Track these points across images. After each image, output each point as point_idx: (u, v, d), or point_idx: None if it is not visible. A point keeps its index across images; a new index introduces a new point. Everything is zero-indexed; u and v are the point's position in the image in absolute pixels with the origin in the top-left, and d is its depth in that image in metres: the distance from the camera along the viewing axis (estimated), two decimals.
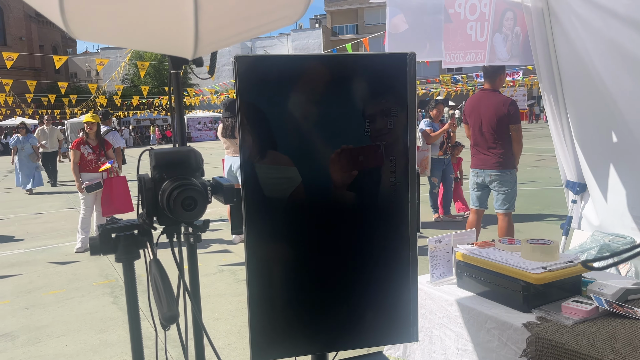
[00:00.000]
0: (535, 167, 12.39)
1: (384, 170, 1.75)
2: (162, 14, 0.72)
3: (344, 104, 1.68)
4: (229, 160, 6.68)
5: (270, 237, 1.70)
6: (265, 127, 1.68)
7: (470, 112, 4.86)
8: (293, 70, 1.66)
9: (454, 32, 3.17)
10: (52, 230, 7.98)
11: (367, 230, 1.76)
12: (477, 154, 4.84)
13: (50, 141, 13.73)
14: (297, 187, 1.71)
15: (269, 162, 1.70)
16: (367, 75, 1.70)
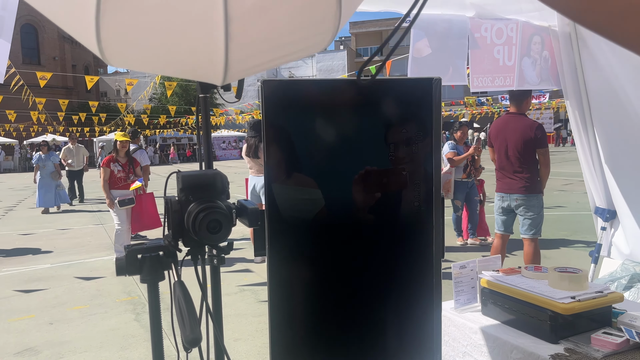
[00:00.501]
0: (562, 192, 12.15)
1: (408, 194, 1.74)
2: (193, 44, 0.73)
3: (368, 128, 1.69)
4: (253, 180, 6.73)
5: (292, 259, 1.70)
6: (290, 149, 1.69)
7: (495, 136, 4.82)
8: (318, 94, 1.68)
9: (481, 56, 3.17)
10: (78, 246, 8.11)
11: (390, 254, 1.74)
12: (502, 177, 4.77)
13: (77, 159, 13.68)
14: (321, 209, 1.71)
15: (293, 183, 1.71)
16: (393, 100, 1.70)
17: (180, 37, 0.73)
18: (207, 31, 0.72)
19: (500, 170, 4.79)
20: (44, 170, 12.21)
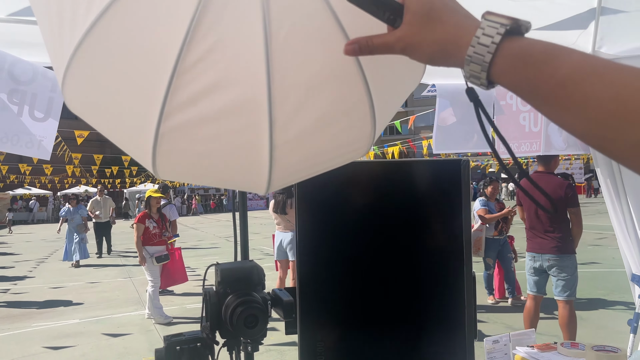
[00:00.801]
0: (596, 247, 11.80)
1: (439, 272, 1.74)
2: (241, 166, 0.79)
3: (399, 208, 1.72)
4: (279, 235, 6.77)
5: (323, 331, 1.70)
6: (322, 228, 1.73)
7: (524, 195, 4.78)
8: (350, 174, 1.73)
9: (506, 122, 3.21)
10: (106, 300, 8.18)
11: (421, 335, 1.73)
12: (533, 237, 4.70)
13: (104, 211, 13.65)
14: (351, 287, 1.72)
15: (324, 263, 1.74)
16: (422, 180, 1.74)
17: (228, 160, 0.79)
18: (253, 156, 0.77)
19: (530, 229, 4.72)
20: (71, 223, 12.29)
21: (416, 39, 0.67)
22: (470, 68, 0.64)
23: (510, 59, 0.60)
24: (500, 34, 0.61)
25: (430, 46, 0.67)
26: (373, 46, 0.69)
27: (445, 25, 0.65)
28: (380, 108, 0.82)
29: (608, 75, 0.55)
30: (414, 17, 0.66)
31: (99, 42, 0.70)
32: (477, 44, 0.62)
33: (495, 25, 0.61)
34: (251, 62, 0.70)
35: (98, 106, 0.78)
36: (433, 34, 0.66)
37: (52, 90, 2.26)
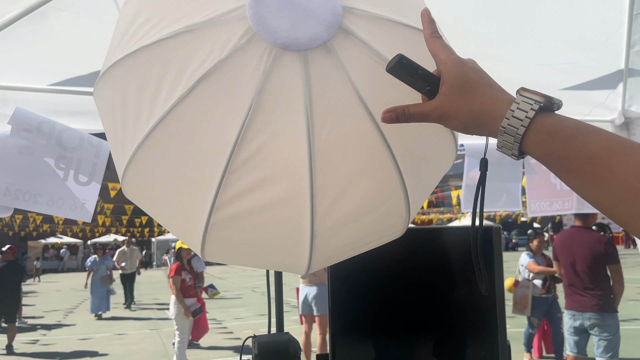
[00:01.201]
0: (637, 302, 11.30)
1: (473, 342, 1.72)
2: (283, 251, 0.85)
3: (430, 275, 1.74)
4: (304, 289, 6.72)
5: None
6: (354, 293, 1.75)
7: (561, 250, 4.68)
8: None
9: (537, 181, 3.21)
10: (132, 353, 8.17)
11: None
12: (572, 294, 4.55)
13: (130, 262, 13.39)
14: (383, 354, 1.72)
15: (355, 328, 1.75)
16: (454, 247, 1.76)
17: (272, 246, 0.84)
18: (296, 243, 0.82)
19: (569, 286, 4.57)
20: (96, 274, 11.97)
21: (452, 109, 0.71)
22: (504, 138, 0.68)
23: (542, 133, 0.64)
24: (534, 110, 0.65)
25: (466, 116, 0.71)
26: (409, 114, 0.73)
27: (481, 97, 0.70)
28: (414, 196, 0.87)
29: (635, 155, 0.58)
30: (450, 89, 0.71)
31: (158, 143, 0.78)
32: (511, 117, 0.66)
33: (529, 101, 0.66)
34: (295, 160, 0.77)
35: (154, 198, 0.85)
36: (469, 104, 0.70)
37: (96, 156, 2.39)
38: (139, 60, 0.80)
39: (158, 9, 0.83)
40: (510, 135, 0.66)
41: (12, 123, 2.23)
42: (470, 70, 0.72)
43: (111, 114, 0.85)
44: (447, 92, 0.72)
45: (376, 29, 0.81)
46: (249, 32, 0.75)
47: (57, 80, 2.35)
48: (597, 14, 2.25)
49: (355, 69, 0.78)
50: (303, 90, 0.75)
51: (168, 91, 0.77)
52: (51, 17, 1.98)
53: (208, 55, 0.75)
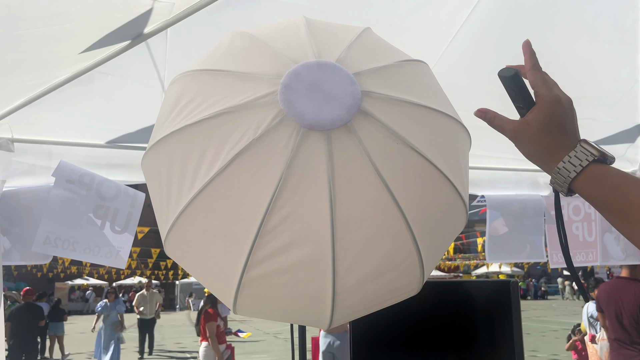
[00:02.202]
0: None
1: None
2: (307, 308, 0.93)
3: (450, 328, 1.77)
4: (325, 339, 6.59)
5: None
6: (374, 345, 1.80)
7: (606, 302, 4.56)
8: None
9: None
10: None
11: None
12: (618, 348, 4.39)
13: (149, 306, 12.53)
14: None
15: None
16: (472, 300, 1.80)
17: (297, 303, 0.93)
18: (319, 300, 0.91)
19: (615, 340, 4.43)
20: (107, 320, 10.93)
21: (527, 137, 0.83)
22: (556, 177, 0.80)
23: (591, 179, 0.76)
24: (588, 161, 0.77)
25: (534, 148, 0.83)
26: (492, 122, 0.87)
27: (553, 138, 0.81)
28: (427, 258, 0.95)
29: None
30: (536, 121, 0.83)
31: (199, 210, 0.89)
32: (567, 161, 0.78)
33: (587, 153, 0.78)
34: (319, 225, 0.86)
35: (192, 258, 0.95)
36: (541, 140, 0.82)
37: (132, 205, 2.53)
38: (183, 137, 0.92)
39: (200, 92, 0.95)
40: (562, 176, 0.79)
41: (56, 175, 2.40)
42: (560, 113, 0.83)
43: (157, 183, 0.97)
44: (531, 122, 0.84)
45: (392, 109, 0.91)
46: (280, 114, 0.86)
47: (98, 136, 2.54)
48: (610, 74, 2.33)
49: (373, 146, 0.88)
50: (326, 164, 0.86)
51: (208, 164, 0.88)
52: (97, 80, 2.17)
53: (244, 134, 0.87)
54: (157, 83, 2.18)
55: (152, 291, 12.83)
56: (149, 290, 12.66)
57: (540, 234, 3.14)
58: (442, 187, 0.94)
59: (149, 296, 12.59)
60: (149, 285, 12.85)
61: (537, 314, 22.59)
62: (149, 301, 12.54)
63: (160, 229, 0.98)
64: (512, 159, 3.14)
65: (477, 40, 2.10)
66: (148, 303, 12.50)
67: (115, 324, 10.92)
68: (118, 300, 11.46)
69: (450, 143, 0.98)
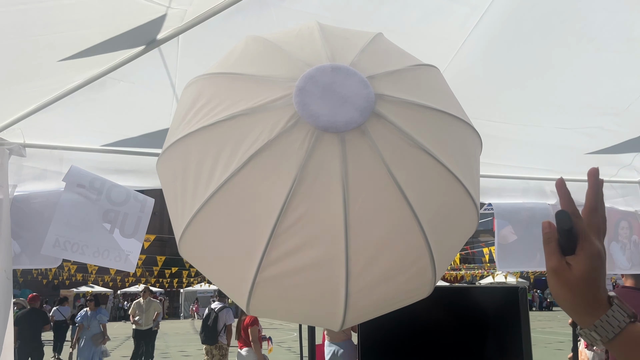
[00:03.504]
0: None
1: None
2: (320, 308, 0.94)
3: (458, 332, 1.77)
4: (330, 347, 6.57)
5: None
6: (384, 349, 1.80)
7: None
8: None
9: None
10: None
11: None
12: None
13: (146, 316, 11.21)
14: None
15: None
16: (481, 306, 1.80)
17: (310, 303, 0.94)
18: (331, 301, 0.92)
19: None
20: (87, 331, 9.53)
21: (565, 280, 0.82)
22: (592, 334, 0.81)
23: (626, 339, 0.78)
24: (626, 322, 0.79)
25: (569, 294, 0.83)
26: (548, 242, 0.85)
27: (590, 290, 0.81)
28: (439, 259, 0.96)
29: None
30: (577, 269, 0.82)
31: (214, 211, 0.90)
32: (605, 321, 0.80)
33: (623, 313, 0.80)
34: (332, 226, 0.87)
35: (207, 259, 0.96)
36: (578, 289, 0.82)
37: (141, 210, 2.55)
38: (199, 138, 0.94)
39: (215, 95, 0.97)
40: (598, 334, 0.80)
41: (66, 180, 2.42)
42: (599, 268, 0.83)
43: (172, 184, 0.98)
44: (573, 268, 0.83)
45: (405, 112, 0.93)
46: (295, 116, 0.88)
47: (109, 142, 2.56)
48: (617, 83, 2.34)
49: (386, 148, 0.89)
50: (340, 166, 0.87)
51: (224, 165, 0.89)
52: (109, 87, 2.20)
53: (259, 136, 0.88)
54: (168, 89, 2.20)
55: (150, 299, 11.59)
56: (146, 298, 11.45)
57: None
58: (454, 189, 0.95)
59: (146, 304, 11.34)
60: (145, 293, 11.68)
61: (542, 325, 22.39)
62: (146, 310, 11.26)
63: (174, 229, 1.00)
64: (519, 167, 3.14)
65: (485, 49, 2.12)
66: (144, 312, 11.22)
67: (95, 336, 9.50)
68: (100, 309, 10.09)
69: (462, 146, 1.00)
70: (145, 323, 11.16)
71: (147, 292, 11.75)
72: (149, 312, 11.27)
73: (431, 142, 0.93)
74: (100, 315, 9.78)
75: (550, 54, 2.04)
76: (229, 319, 8.60)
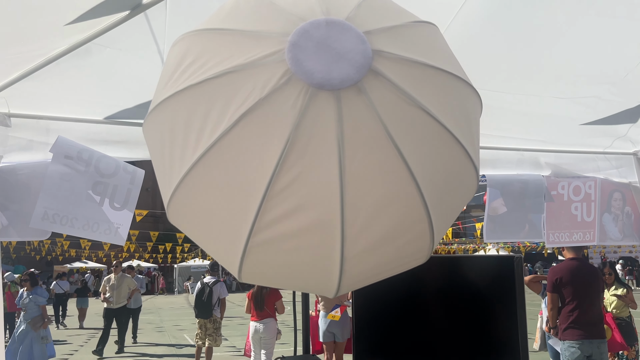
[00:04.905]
0: None
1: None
2: (314, 274, 0.91)
3: (454, 300, 1.76)
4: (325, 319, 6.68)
5: None
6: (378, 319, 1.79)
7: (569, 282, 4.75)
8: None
9: (557, 212, 3.21)
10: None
11: None
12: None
13: (117, 294, 10.20)
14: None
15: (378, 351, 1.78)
16: (477, 275, 1.79)
17: (304, 269, 0.90)
18: (326, 266, 0.89)
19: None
20: (26, 314, 8.09)
21: None
22: None
23: None
24: None
25: None
26: None
27: None
28: (437, 224, 0.93)
29: None
30: None
31: (203, 173, 0.86)
32: None
33: None
34: (328, 189, 0.84)
35: (196, 224, 0.93)
36: None
37: (131, 182, 2.50)
38: (187, 97, 0.89)
39: (204, 52, 0.92)
40: None
41: (53, 151, 2.36)
42: None
43: (159, 146, 0.94)
44: None
45: (403, 70, 0.88)
46: (288, 73, 0.83)
47: (97, 112, 2.49)
48: (616, 50, 2.30)
49: (383, 106, 0.85)
50: (336, 125, 0.83)
51: (213, 125, 0.85)
52: (95, 53, 2.12)
53: (250, 94, 0.84)
54: (156, 56, 2.13)
55: (123, 275, 10.53)
56: (118, 274, 10.39)
57: (540, 213, 3.12)
58: (454, 151, 0.92)
59: (117, 281, 10.29)
60: (117, 268, 10.54)
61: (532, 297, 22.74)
62: (117, 287, 10.25)
63: (162, 194, 0.96)
64: (514, 138, 3.11)
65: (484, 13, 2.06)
66: (116, 289, 10.22)
67: (34, 320, 7.99)
68: (37, 289, 8.65)
69: (462, 106, 0.96)
70: (117, 301, 10.18)
71: (119, 267, 10.59)
72: (121, 289, 10.29)
73: (431, 102, 0.89)
74: (35, 296, 8.27)
75: (550, 18, 1.98)
76: (223, 293, 8.64)
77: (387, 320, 1.79)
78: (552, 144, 3.21)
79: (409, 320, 1.80)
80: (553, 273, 4.93)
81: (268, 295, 7.04)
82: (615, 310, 6.35)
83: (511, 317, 1.76)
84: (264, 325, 6.97)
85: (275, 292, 7.10)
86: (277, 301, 7.05)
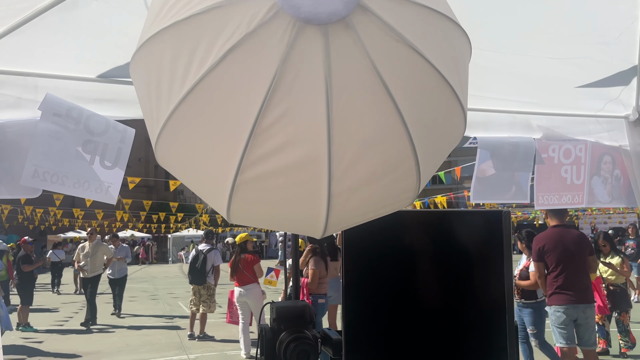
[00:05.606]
0: None
1: (481, 320, 1.78)
2: (302, 212, 0.92)
3: (441, 256, 1.79)
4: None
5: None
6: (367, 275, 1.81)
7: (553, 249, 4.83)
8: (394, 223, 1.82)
9: (547, 174, 3.24)
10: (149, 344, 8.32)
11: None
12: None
13: (92, 262, 9.84)
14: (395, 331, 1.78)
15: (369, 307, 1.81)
16: (464, 230, 1.81)
17: (292, 207, 0.91)
18: (314, 204, 0.90)
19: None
20: None
21: None
22: None
23: None
24: None
25: None
26: None
27: None
28: (424, 163, 0.93)
29: None
30: None
31: (190, 110, 0.86)
32: None
33: None
34: (315, 125, 0.84)
35: (184, 163, 0.93)
36: None
37: (121, 141, 2.49)
38: (172, 34, 0.88)
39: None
40: None
41: (42, 108, 2.33)
42: None
43: (146, 85, 0.93)
44: None
45: (392, 6, 0.87)
46: (275, 7, 0.82)
47: (86, 69, 2.46)
48: (610, 7, 2.28)
49: (372, 43, 0.84)
50: (323, 61, 0.82)
51: (200, 61, 0.84)
52: (81, 7, 2.08)
53: (237, 29, 0.83)
54: (145, 11, 2.09)
55: (98, 242, 10.14)
56: (92, 242, 10.02)
57: (527, 176, 3.14)
58: (442, 91, 0.92)
59: (92, 249, 9.92)
60: (92, 236, 10.23)
61: None
62: (92, 255, 9.87)
63: (150, 134, 0.95)
64: (505, 100, 3.11)
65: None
66: (90, 257, 9.85)
67: None
68: None
69: (451, 47, 0.95)
70: (92, 270, 9.87)
71: (94, 234, 10.28)
72: (96, 257, 9.93)
73: (420, 41, 0.88)
74: None
75: None
76: (217, 260, 8.74)
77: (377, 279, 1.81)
78: (545, 106, 3.21)
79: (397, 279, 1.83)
80: (536, 242, 5.00)
81: (245, 260, 7.16)
82: (611, 277, 6.53)
83: (498, 271, 1.80)
84: (246, 291, 7.11)
85: (252, 257, 7.22)
86: (255, 265, 7.19)
